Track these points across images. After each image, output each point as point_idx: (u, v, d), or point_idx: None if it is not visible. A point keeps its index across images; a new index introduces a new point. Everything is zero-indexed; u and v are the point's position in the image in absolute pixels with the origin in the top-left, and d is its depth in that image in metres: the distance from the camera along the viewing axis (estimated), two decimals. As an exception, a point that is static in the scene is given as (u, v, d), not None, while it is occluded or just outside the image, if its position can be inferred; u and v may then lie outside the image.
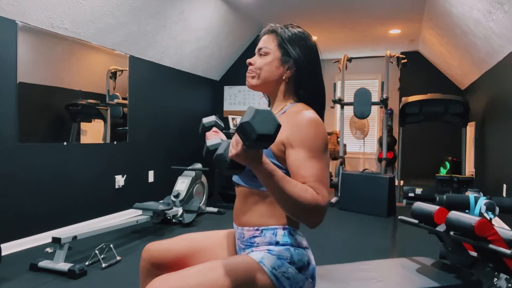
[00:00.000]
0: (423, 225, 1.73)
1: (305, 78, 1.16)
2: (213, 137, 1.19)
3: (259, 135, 0.83)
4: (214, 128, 1.31)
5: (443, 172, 5.97)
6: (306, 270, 1.08)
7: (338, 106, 5.84)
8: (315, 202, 0.93)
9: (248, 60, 1.20)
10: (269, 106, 1.28)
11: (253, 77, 1.19)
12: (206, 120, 1.32)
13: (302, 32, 1.18)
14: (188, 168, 4.18)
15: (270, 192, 0.93)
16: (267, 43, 1.18)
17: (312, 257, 1.13)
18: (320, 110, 1.17)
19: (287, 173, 1.05)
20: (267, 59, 1.16)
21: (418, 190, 5.09)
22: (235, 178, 1.18)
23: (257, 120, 0.84)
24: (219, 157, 0.93)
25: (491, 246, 1.38)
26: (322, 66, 1.20)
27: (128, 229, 3.47)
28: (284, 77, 1.16)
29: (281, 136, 1.05)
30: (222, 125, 1.35)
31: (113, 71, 3.84)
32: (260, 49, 1.19)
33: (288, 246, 1.08)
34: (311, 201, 0.92)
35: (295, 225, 1.13)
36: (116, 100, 3.89)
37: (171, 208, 3.61)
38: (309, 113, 1.06)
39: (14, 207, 2.88)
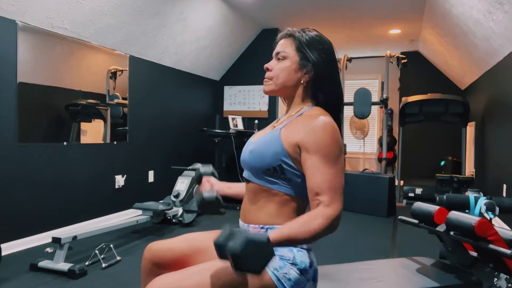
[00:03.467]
0: (423, 225, 1.73)
1: (323, 82, 1.16)
2: (207, 189, 1.29)
3: (246, 270, 0.85)
4: (205, 178, 1.35)
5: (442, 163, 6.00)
6: (308, 272, 1.08)
7: (338, 106, 5.84)
8: (328, 221, 0.97)
9: (266, 65, 1.20)
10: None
11: (271, 83, 1.18)
12: (202, 170, 1.37)
13: (319, 36, 1.17)
14: (188, 168, 4.18)
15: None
16: (285, 47, 1.17)
17: (314, 259, 1.13)
18: (337, 113, 1.17)
19: (302, 175, 1.07)
20: (285, 64, 1.16)
21: (418, 190, 5.09)
22: (246, 174, 1.18)
23: (247, 256, 0.83)
24: (221, 250, 0.89)
25: (491, 246, 1.38)
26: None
27: (128, 229, 3.47)
28: (302, 81, 1.16)
29: (296, 137, 1.06)
30: (211, 171, 1.38)
31: (113, 71, 3.83)
32: (278, 53, 1.18)
33: (291, 247, 1.08)
34: (324, 223, 0.97)
35: None
36: (116, 100, 3.89)
37: (171, 208, 3.61)
38: (325, 118, 1.06)
39: (14, 207, 2.88)
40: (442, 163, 6.00)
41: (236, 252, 0.83)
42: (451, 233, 1.55)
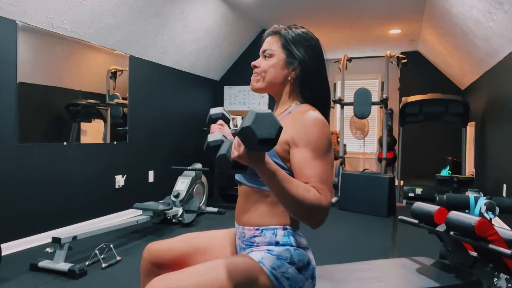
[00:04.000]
0: (423, 225, 1.73)
1: (310, 79, 1.15)
2: (216, 131, 1.21)
3: (260, 139, 0.83)
4: (220, 121, 1.31)
5: (443, 173, 5.96)
6: (306, 270, 1.08)
7: (338, 106, 5.84)
8: (317, 203, 0.93)
9: (253, 63, 1.20)
10: (272, 107, 1.28)
11: (258, 80, 1.18)
12: (213, 111, 1.31)
13: (306, 33, 1.17)
14: (188, 168, 4.18)
15: (272, 192, 0.94)
16: (271, 44, 1.17)
17: (312, 257, 1.13)
18: (325, 109, 1.17)
19: (291, 174, 1.05)
20: (272, 61, 1.16)
21: (418, 190, 5.09)
22: (238, 177, 1.18)
23: (258, 124, 0.83)
24: (221, 158, 0.93)
25: (491, 246, 1.38)
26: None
27: (128, 229, 3.47)
28: (289, 78, 1.16)
29: (285, 135, 1.05)
30: (229, 117, 1.34)
31: (113, 71, 3.83)
32: (264, 51, 1.18)
33: (288, 246, 1.08)
34: (314, 202, 0.92)
35: (296, 225, 1.13)
36: (116, 100, 3.89)
37: (171, 208, 3.61)
38: (315, 114, 1.06)
39: (14, 207, 2.88)
40: (446, 171, 5.91)
41: (248, 124, 0.83)
42: (451, 233, 1.55)
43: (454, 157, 5.94)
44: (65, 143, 3.29)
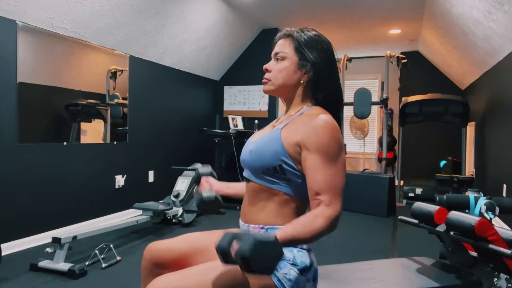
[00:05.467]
0: (423, 225, 1.73)
1: (322, 81, 1.15)
2: (207, 188, 1.33)
3: (257, 271, 0.83)
4: (207, 178, 1.39)
5: (442, 163, 5.95)
6: (308, 272, 1.08)
7: (338, 106, 5.83)
8: (328, 222, 0.98)
9: (265, 66, 1.20)
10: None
11: (270, 84, 1.18)
12: (202, 170, 1.42)
13: (318, 36, 1.17)
14: (188, 168, 4.18)
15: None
16: (284, 47, 1.17)
17: (314, 259, 1.13)
18: (337, 112, 1.17)
19: (302, 176, 1.08)
20: (284, 64, 1.16)
21: (418, 190, 5.09)
22: (246, 174, 1.19)
23: (256, 256, 0.82)
24: (221, 251, 0.88)
25: (491, 246, 1.38)
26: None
27: (128, 229, 3.47)
28: (301, 82, 1.16)
29: (296, 137, 1.07)
30: (215, 175, 1.42)
31: (113, 71, 3.83)
32: (276, 53, 1.18)
33: (291, 247, 1.08)
34: (325, 223, 0.98)
35: None
36: (116, 100, 3.89)
37: (171, 208, 3.61)
38: (325, 117, 1.06)
39: (14, 207, 2.88)
40: (442, 163, 5.96)
41: (246, 254, 0.81)
42: (451, 233, 1.55)
43: (454, 157, 5.94)
44: (65, 143, 3.29)
